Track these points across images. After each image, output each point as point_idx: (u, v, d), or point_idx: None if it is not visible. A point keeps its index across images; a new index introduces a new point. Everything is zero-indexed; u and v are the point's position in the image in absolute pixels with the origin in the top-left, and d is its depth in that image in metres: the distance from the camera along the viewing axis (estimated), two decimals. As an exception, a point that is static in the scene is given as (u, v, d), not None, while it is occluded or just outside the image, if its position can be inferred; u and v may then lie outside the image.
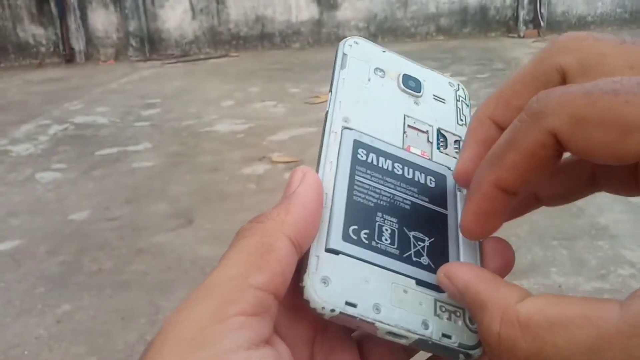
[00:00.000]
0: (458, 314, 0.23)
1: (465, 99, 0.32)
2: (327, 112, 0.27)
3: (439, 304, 0.23)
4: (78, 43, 5.54)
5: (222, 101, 3.76)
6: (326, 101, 0.28)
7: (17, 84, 4.67)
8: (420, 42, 5.47)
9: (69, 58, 5.53)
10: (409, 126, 0.28)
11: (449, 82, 0.32)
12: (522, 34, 5.36)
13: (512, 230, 1.73)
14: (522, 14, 5.38)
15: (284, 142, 2.86)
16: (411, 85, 0.30)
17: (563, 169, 0.26)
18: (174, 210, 2.19)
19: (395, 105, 0.29)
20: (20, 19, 5.49)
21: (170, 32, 5.65)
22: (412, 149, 0.28)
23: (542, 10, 5.34)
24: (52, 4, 5.38)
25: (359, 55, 0.30)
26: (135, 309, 1.58)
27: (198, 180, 2.46)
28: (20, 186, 2.53)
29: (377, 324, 0.21)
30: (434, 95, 0.30)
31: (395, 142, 0.27)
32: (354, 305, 0.21)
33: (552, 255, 1.69)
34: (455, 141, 0.29)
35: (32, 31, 5.53)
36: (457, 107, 0.31)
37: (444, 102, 0.31)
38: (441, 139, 0.29)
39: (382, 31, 5.61)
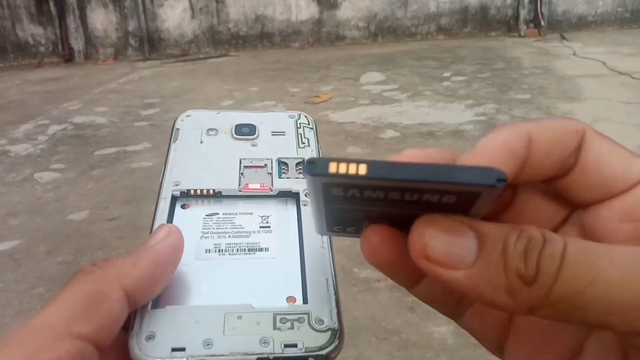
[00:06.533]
0: (302, 319, 0.23)
1: (308, 124, 0.34)
2: (160, 182, 0.29)
3: (279, 317, 0.23)
4: (77, 43, 5.53)
5: (222, 101, 3.75)
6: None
7: (16, 83, 4.66)
8: (421, 41, 5.46)
9: (68, 58, 5.52)
10: (245, 167, 0.30)
11: (289, 115, 0.34)
12: (522, 33, 5.36)
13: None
14: (523, 13, 5.37)
15: (284, 141, 2.85)
16: (245, 131, 0.32)
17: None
18: (173, 210, 2.18)
19: (230, 154, 0.31)
20: (19, 18, 5.48)
21: (170, 32, 5.64)
22: (251, 185, 0.30)
23: (543, 10, 5.34)
24: (51, 4, 5.37)
25: (191, 125, 0.33)
26: (134, 309, 1.57)
27: (198, 180, 2.45)
28: (19, 186, 2.52)
29: (210, 359, 0.21)
30: (272, 131, 0.33)
31: (231, 185, 0.29)
32: (182, 350, 0.21)
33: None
34: (297, 163, 0.31)
35: (31, 31, 5.52)
36: (297, 133, 0.33)
37: (283, 134, 0.33)
38: (283, 167, 0.31)
39: (382, 30, 5.60)
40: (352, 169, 0.18)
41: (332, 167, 0.18)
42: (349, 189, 0.19)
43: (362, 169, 0.18)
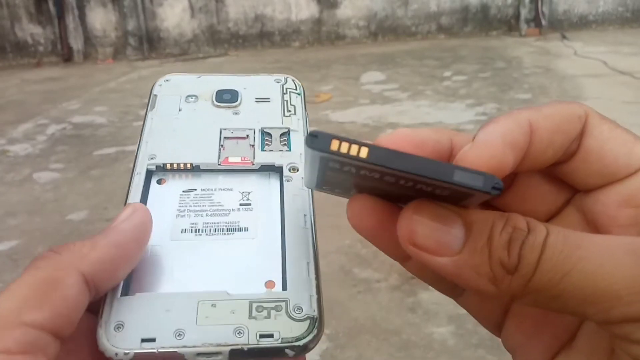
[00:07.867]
0: (279, 307, 0.22)
1: (296, 89, 0.32)
2: (135, 154, 0.28)
3: (255, 304, 0.22)
4: (76, 42, 5.52)
5: (222, 100, 3.74)
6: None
7: (15, 83, 4.65)
8: (421, 40, 5.45)
9: (67, 57, 5.51)
10: (225, 138, 0.28)
11: (275, 79, 0.33)
12: (523, 33, 5.35)
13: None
14: (524, 12, 5.36)
15: (284, 141, 2.84)
16: (226, 98, 0.30)
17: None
18: (173, 210, 2.18)
19: (210, 123, 0.29)
20: (18, 18, 5.47)
21: (169, 31, 5.64)
22: (231, 159, 0.28)
23: (544, 9, 5.33)
24: (50, 3, 5.36)
25: (170, 91, 0.31)
26: (133, 310, 1.56)
27: (197, 180, 2.45)
28: (18, 186, 2.51)
29: (181, 350, 0.20)
30: (256, 98, 0.31)
31: (210, 159, 0.28)
32: (152, 340, 0.20)
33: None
34: (282, 134, 0.29)
35: (30, 30, 5.51)
36: (283, 100, 0.31)
37: (268, 101, 0.31)
38: (266, 138, 0.29)
39: (382, 30, 5.59)
40: (354, 151, 0.18)
41: (334, 145, 0.18)
42: (345, 165, 0.19)
43: (363, 152, 0.18)
